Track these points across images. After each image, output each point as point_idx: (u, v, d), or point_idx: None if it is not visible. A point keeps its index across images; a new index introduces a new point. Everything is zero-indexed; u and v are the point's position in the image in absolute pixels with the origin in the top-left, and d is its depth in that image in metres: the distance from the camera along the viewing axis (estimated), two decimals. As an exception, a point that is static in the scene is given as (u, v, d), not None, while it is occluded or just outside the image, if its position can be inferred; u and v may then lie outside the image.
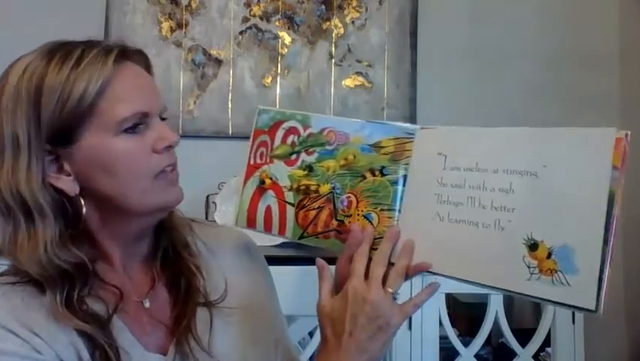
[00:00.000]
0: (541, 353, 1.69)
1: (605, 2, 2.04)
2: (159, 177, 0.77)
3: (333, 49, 1.98)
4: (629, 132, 0.65)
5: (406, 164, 0.79)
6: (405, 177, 0.79)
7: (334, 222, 0.82)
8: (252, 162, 0.90)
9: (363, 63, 1.98)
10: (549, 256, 0.66)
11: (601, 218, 0.64)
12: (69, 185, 0.74)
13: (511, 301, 1.87)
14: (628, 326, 1.97)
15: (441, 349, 1.56)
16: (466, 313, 1.84)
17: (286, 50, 1.97)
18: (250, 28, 1.96)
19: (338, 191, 0.82)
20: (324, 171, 0.84)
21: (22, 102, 0.72)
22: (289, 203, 0.85)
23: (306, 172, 0.85)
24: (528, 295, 0.68)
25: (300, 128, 0.87)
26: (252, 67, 1.96)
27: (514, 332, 1.61)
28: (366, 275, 0.76)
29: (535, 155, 0.70)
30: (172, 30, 1.94)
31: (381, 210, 0.79)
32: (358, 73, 1.98)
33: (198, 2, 1.95)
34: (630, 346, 1.97)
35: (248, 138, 0.92)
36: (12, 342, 0.69)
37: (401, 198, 0.79)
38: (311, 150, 0.85)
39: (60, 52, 0.74)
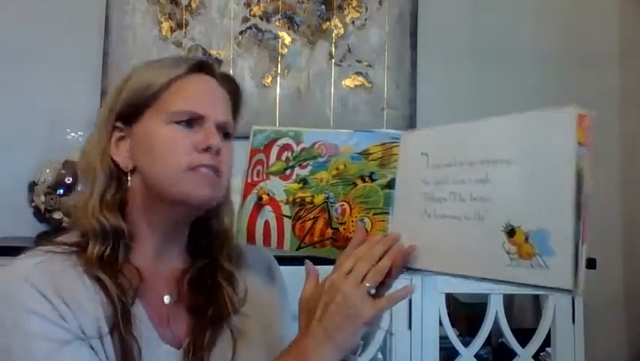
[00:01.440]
0: (541, 353, 1.69)
1: (605, 2, 2.04)
2: (194, 170, 0.82)
3: (333, 49, 1.98)
4: (592, 111, 0.66)
5: (394, 168, 0.83)
6: (393, 180, 0.83)
7: (330, 231, 0.85)
8: (249, 180, 0.93)
9: (363, 63, 1.98)
10: (526, 240, 0.67)
11: (570, 196, 0.65)
12: (125, 160, 0.85)
13: (511, 301, 1.87)
14: (628, 325, 1.97)
15: (441, 349, 1.56)
16: (466, 314, 1.84)
17: (286, 50, 1.97)
18: (250, 28, 1.96)
19: (332, 200, 0.85)
20: (317, 183, 0.87)
21: (114, 92, 0.87)
22: (286, 216, 0.88)
23: (300, 185, 0.88)
24: (510, 282, 0.69)
25: (293, 144, 0.90)
26: (252, 67, 1.96)
27: (514, 332, 1.61)
28: None
29: (506, 142, 0.72)
30: (172, 30, 1.94)
31: (374, 214, 0.83)
32: (358, 73, 1.98)
33: (198, 2, 1.95)
34: (630, 346, 1.97)
35: (248, 137, 0.94)
36: (44, 306, 0.74)
37: (390, 201, 0.82)
38: (304, 163, 0.89)
39: (155, 59, 0.89)
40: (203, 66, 0.88)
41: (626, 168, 2.02)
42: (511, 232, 0.69)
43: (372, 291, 0.76)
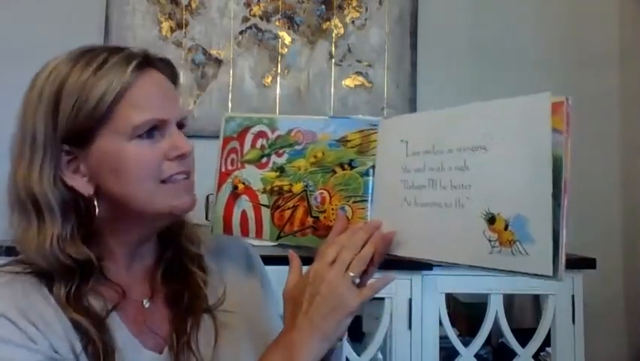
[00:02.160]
0: (541, 353, 1.69)
1: (605, 2, 2.04)
2: (168, 180, 0.79)
3: (333, 49, 1.98)
4: (570, 97, 0.65)
5: (373, 155, 0.82)
6: (373, 167, 0.81)
7: (310, 220, 0.84)
8: (223, 170, 0.91)
9: (363, 63, 1.98)
10: (506, 227, 0.67)
11: (548, 183, 0.64)
12: (83, 185, 0.77)
13: (511, 301, 1.87)
14: (628, 325, 1.97)
15: (441, 349, 1.56)
16: (466, 313, 1.84)
17: (286, 49, 1.97)
18: (250, 28, 1.96)
19: (311, 188, 0.84)
20: (295, 171, 0.85)
21: (43, 102, 0.76)
22: (264, 205, 0.87)
23: (278, 173, 0.87)
24: (493, 269, 0.69)
25: (268, 131, 0.88)
26: (252, 67, 1.96)
27: (514, 332, 1.61)
28: None
29: (483, 129, 0.71)
30: (172, 30, 1.94)
31: (354, 202, 0.82)
32: (358, 73, 1.98)
33: (198, 2, 1.95)
34: (630, 346, 1.97)
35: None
36: (9, 330, 0.71)
37: (370, 188, 0.81)
38: (281, 151, 0.87)
39: (85, 57, 0.77)
40: (147, 62, 0.80)
41: (626, 168, 2.02)
42: (491, 220, 0.69)
43: (357, 281, 0.76)
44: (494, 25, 2.01)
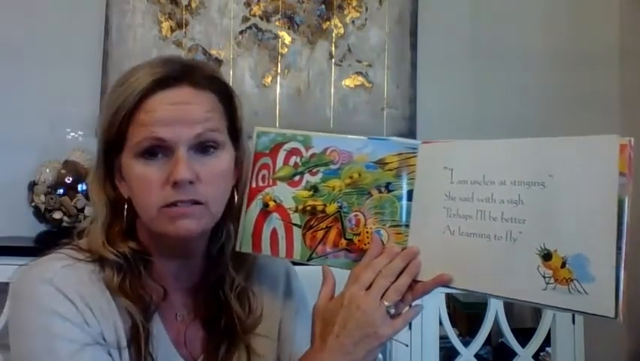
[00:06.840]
0: (541, 353, 1.69)
1: (605, 2, 2.04)
2: (170, 207, 0.78)
3: (333, 49, 1.98)
4: (632, 139, 0.66)
5: (411, 179, 0.80)
6: (410, 191, 0.80)
7: (343, 242, 0.82)
8: (253, 186, 0.89)
9: (363, 63, 1.98)
10: (563, 265, 0.67)
11: (612, 225, 0.65)
12: (124, 189, 0.82)
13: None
14: (628, 326, 1.97)
15: (441, 349, 1.56)
16: (466, 314, 1.84)
17: (286, 49, 1.97)
18: (250, 27, 1.96)
19: (345, 210, 0.83)
20: (329, 191, 0.84)
21: (101, 111, 0.83)
22: (295, 225, 0.85)
23: (311, 193, 0.85)
24: (546, 305, 0.69)
25: (302, 148, 0.87)
26: (251, 67, 1.96)
27: (514, 331, 1.62)
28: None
29: (541, 165, 0.71)
30: (172, 30, 1.94)
31: (390, 226, 0.80)
32: (358, 73, 1.98)
33: (198, 2, 1.95)
34: (630, 346, 1.97)
35: (249, 137, 0.91)
36: (68, 308, 0.76)
37: (408, 213, 0.80)
38: (315, 170, 0.85)
39: (126, 74, 0.81)
40: (176, 78, 0.79)
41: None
42: (546, 256, 0.68)
43: (392, 311, 0.75)
44: (494, 25, 2.01)
